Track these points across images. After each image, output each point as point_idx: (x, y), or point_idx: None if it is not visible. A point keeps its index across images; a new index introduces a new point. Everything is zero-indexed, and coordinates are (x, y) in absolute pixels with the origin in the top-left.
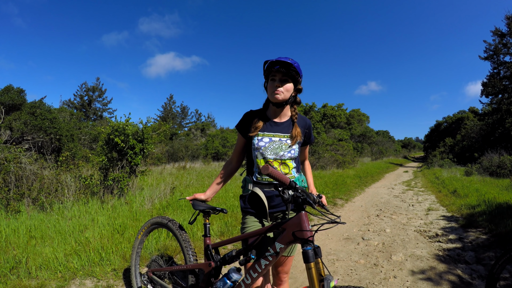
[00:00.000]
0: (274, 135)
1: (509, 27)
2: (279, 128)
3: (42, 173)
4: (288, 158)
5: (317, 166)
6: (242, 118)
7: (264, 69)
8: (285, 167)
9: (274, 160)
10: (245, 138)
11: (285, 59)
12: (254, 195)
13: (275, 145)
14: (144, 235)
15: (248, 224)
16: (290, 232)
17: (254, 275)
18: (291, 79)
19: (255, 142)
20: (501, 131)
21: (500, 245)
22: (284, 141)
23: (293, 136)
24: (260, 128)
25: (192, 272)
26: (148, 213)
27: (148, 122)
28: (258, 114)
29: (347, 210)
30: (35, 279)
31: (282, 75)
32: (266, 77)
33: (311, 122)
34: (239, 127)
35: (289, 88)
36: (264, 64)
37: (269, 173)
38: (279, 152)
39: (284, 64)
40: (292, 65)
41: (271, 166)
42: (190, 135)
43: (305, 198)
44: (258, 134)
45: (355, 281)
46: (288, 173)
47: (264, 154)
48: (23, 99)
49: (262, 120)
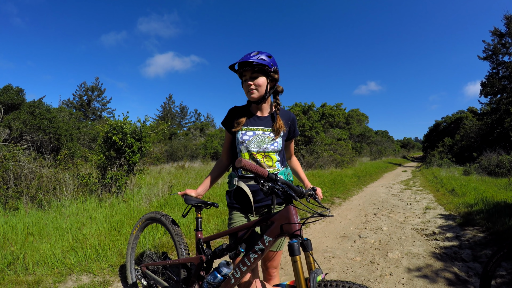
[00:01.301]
0: (257, 128)
1: (508, 27)
2: (262, 122)
3: (40, 171)
4: (271, 151)
5: (316, 166)
6: (227, 114)
7: (237, 72)
8: (269, 159)
9: (258, 152)
10: (230, 133)
11: (245, 58)
12: (239, 190)
13: (259, 138)
14: (139, 230)
15: (234, 220)
16: (278, 225)
17: (243, 269)
18: (261, 73)
19: (239, 136)
20: (499, 131)
21: (497, 243)
22: (268, 134)
23: (276, 129)
24: (243, 122)
25: (184, 266)
26: (146, 211)
27: (146, 120)
28: (242, 109)
29: (344, 208)
30: (32, 274)
31: (251, 73)
32: (240, 79)
33: (295, 116)
34: (225, 123)
35: (261, 83)
36: (231, 68)
37: (242, 166)
38: (262, 144)
39: (246, 64)
40: (253, 62)
41: (248, 160)
42: (189, 134)
43: (286, 191)
44: (242, 128)
45: (351, 278)
46: (272, 166)
47: (248, 147)
48: (22, 99)
49: (245, 115)
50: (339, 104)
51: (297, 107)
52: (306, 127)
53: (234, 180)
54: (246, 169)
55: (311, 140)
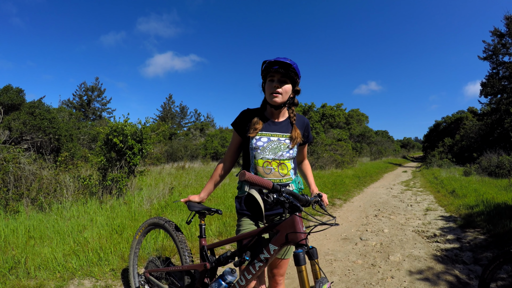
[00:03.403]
0: (272, 134)
1: (508, 28)
2: (277, 128)
3: (41, 173)
4: (286, 158)
5: (316, 166)
6: (240, 116)
7: (262, 69)
8: (284, 167)
9: (273, 160)
10: (241, 137)
11: (284, 59)
12: (250, 196)
13: (274, 145)
14: (142, 235)
15: (243, 227)
16: (283, 234)
17: (248, 277)
18: (289, 80)
19: (253, 142)
20: (500, 131)
21: (498, 245)
22: (283, 140)
23: (293, 138)
24: (260, 128)
25: (188, 273)
26: (147, 213)
27: (147, 122)
28: (257, 113)
29: (345, 210)
30: (34, 279)
31: (281, 76)
32: (264, 78)
33: (308, 121)
34: (236, 125)
35: (288, 90)
36: (262, 64)
37: (246, 179)
38: (277, 152)
39: (283, 64)
40: (291, 66)
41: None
42: (189, 135)
43: (291, 202)
44: (257, 134)
45: (353, 281)
46: (286, 174)
47: (263, 154)
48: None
49: (260, 119)
50: (339, 105)
51: (297, 108)
52: None
53: (246, 186)
54: (250, 182)
55: (311, 141)
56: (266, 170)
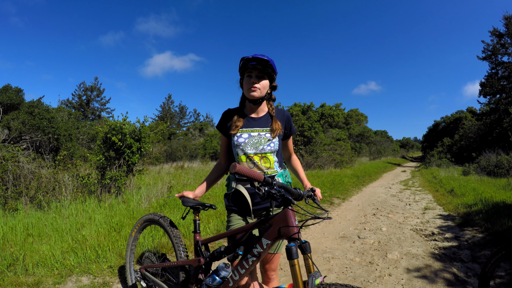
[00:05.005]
0: (252, 130)
1: (507, 28)
2: (257, 123)
3: (39, 172)
4: (268, 152)
5: (315, 166)
6: (222, 117)
7: (240, 66)
8: (266, 160)
9: (255, 154)
10: (226, 136)
11: (261, 56)
12: (237, 192)
13: (254, 139)
14: (138, 232)
15: (232, 222)
16: (276, 228)
17: (241, 272)
18: (267, 76)
19: (235, 139)
20: (498, 131)
21: (496, 243)
22: (263, 135)
23: (274, 129)
24: (241, 126)
25: (183, 269)
26: (145, 212)
27: (146, 121)
28: (236, 112)
29: (343, 209)
30: (32, 276)
31: (259, 72)
32: (241, 74)
33: (289, 113)
34: (220, 126)
35: (265, 85)
36: (240, 61)
37: (237, 171)
38: (258, 146)
39: (261, 61)
40: (269, 62)
41: (246, 162)
42: (189, 134)
43: (283, 194)
44: (238, 131)
45: (350, 278)
46: (270, 167)
47: (245, 150)
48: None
49: (240, 117)
50: (338, 104)
51: (296, 107)
52: (306, 127)
53: (233, 183)
54: (241, 174)
55: (310, 140)
56: (249, 165)
